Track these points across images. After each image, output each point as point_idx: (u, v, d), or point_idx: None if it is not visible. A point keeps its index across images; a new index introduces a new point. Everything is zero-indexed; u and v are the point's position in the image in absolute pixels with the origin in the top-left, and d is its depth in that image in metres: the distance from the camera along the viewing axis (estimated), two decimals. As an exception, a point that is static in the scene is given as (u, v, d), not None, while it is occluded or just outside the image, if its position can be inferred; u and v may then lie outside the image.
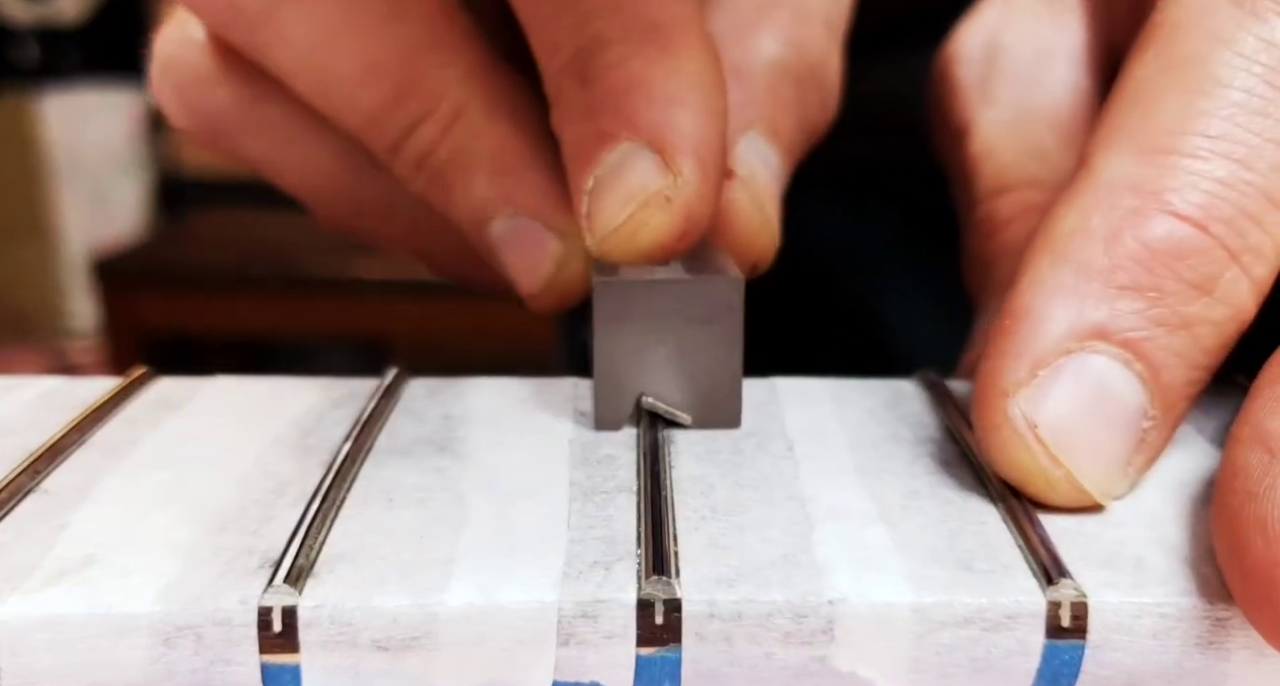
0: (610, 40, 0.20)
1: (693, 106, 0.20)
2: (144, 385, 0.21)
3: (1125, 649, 0.15)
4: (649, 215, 0.19)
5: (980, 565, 0.15)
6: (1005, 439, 0.16)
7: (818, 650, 0.14)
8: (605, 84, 0.20)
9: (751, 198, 0.22)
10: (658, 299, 0.19)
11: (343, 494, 0.17)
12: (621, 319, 0.19)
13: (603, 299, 0.19)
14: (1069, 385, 0.16)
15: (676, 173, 0.19)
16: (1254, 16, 0.17)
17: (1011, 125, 0.24)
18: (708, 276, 0.19)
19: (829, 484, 0.17)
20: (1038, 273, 0.17)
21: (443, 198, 0.22)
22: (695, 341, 0.19)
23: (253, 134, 0.25)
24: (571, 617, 0.14)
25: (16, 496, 0.17)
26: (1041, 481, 0.16)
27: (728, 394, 0.19)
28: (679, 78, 0.20)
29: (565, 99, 0.20)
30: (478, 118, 0.22)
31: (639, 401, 0.19)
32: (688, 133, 0.19)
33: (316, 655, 0.14)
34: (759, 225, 0.22)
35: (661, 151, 0.19)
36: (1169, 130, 0.17)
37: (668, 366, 0.19)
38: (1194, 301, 0.17)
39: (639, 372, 0.19)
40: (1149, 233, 0.17)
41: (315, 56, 0.22)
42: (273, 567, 0.15)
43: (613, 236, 0.20)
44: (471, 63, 0.22)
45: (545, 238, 0.22)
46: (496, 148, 0.22)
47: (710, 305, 0.19)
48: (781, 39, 0.23)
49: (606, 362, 0.19)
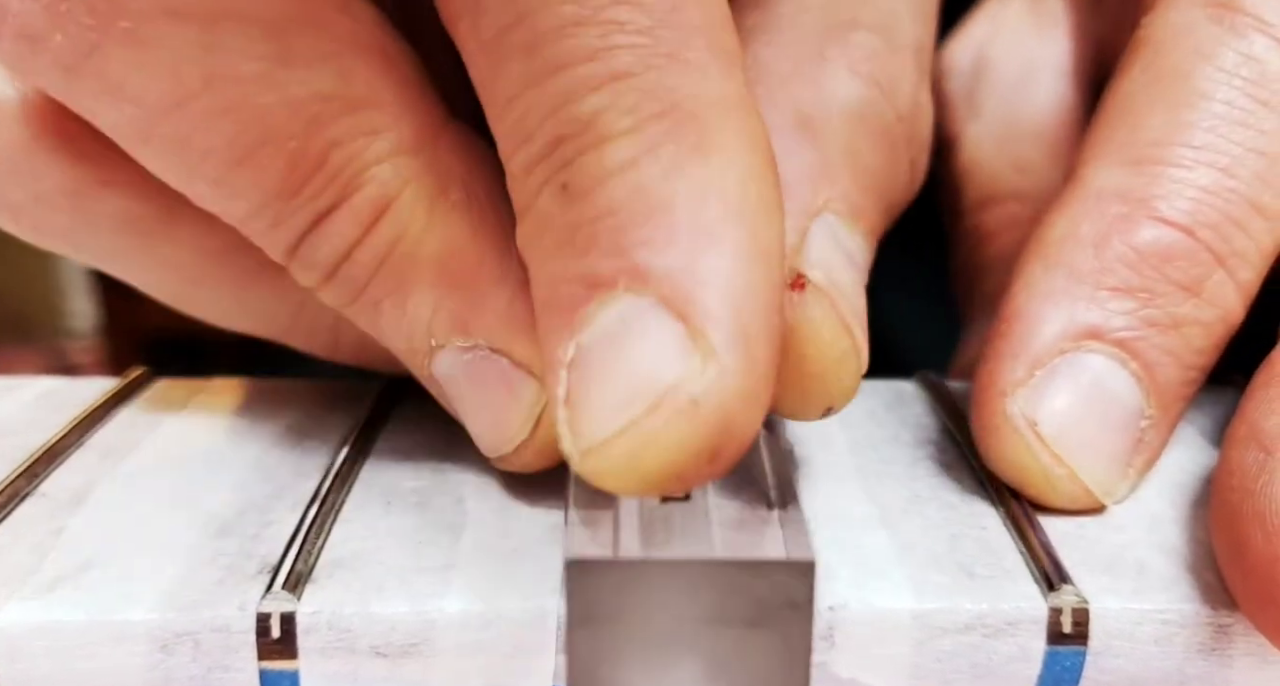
0: (609, 130, 0.13)
1: (734, 241, 0.13)
2: (142, 386, 0.21)
3: (1127, 655, 0.15)
4: (662, 425, 0.13)
5: (981, 570, 0.15)
6: (1005, 438, 0.16)
7: (818, 656, 0.14)
8: (599, 200, 0.13)
9: (831, 313, 0.16)
10: (673, 586, 0.12)
11: (342, 497, 0.17)
12: (613, 614, 0.12)
13: (582, 586, 0.12)
14: (1066, 384, 0.16)
15: (707, 354, 0.13)
16: (1234, 32, 0.18)
17: (997, 138, 0.25)
18: (765, 561, 0.13)
19: (829, 487, 0.17)
20: (1030, 277, 0.17)
21: (367, 318, 0.17)
22: (737, 651, 0.13)
23: (90, 231, 0.18)
24: None
25: (14, 500, 0.17)
26: (1042, 481, 0.16)
27: None
28: (715, 194, 0.13)
29: (537, 214, 0.14)
30: (416, 209, 0.16)
31: None
32: (725, 286, 0.13)
33: (315, 661, 0.14)
34: (842, 353, 0.16)
35: (684, 315, 0.13)
36: (1155, 142, 0.18)
37: (689, 683, 0.13)
38: (1183, 302, 0.17)
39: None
40: (1137, 237, 0.17)
41: (164, 119, 0.15)
42: (271, 573, 0.15)
43: (605, 451, 0.13)
44: (409, 126, 0.16)
45: (516, 380, 0.16)
46: (443, 250, 0.16)
47: (763, 600, 0.12)
48: (864, 74, 0.17)
49: (586, 676, 0.13)
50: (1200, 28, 0.18)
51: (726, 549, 0.13)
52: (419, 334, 0.16)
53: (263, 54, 0.15)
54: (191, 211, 0.17)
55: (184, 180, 0.16)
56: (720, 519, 0.13)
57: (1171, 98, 0.18)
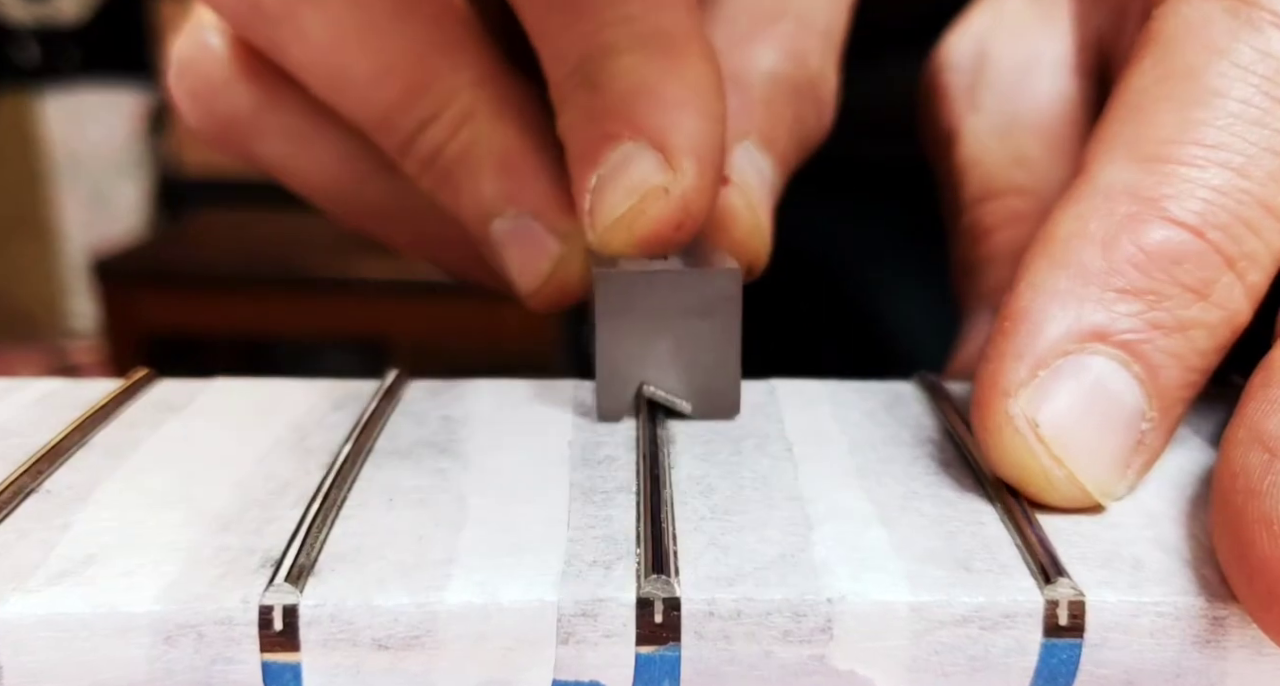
0: (621, 49, 0.20)
1: (695, 111, 0.20)
2: (145, 387, 0.21)
3: (1123, 648, 0.15)
4: (648, 205, 0.20)
5: (978, 564, 0.15)
6: (1006, 439, 0.17)
7: (816, 648, 0.15)
8: (613, 89, 0.20)
9: (746, 202, 0.22)
10: (657, 290, 0.19)
11: (343, 494, 0.17)
12: (622, 310, 0.19)
13: (604, 290, 0.19)
14: (1069, 385, 0.16)
15: (676, 168, 0.20)
16: (1250, 27, 0.18)
17: (998, 133, 0.25)
18: (706, 268, 0.19)
19: (828, 485, 0.17)
20: (1036, 276, 0.17)
21: (450, 196, 0.23)
22: (694, 332, 0.19)
23: (267, 137, 0.25)
24: (571, 616, 0.14)
25: (19, 497, 0.17)
26: (1042, 481, 0.16)
27: (727, 384, 0.20)
28: (683, 84, 0.20)
29: (572, 103, 0.21)
30: (486, 120, 0.22)
31: (640, 391, 0.19)
32: (689, 134, 0.20)
33: (317, 654, 0.14)
34: (752, 228, 0.22)
35: (663, 150, 0.20)
36: (1166, 139, 0.17)
37: (668, 357, 0.19)
38: (1190, 305, 0.17)
39: (640, 363, 0.19)
40: (1146, 238, 0.17)
41: (332, 55, 0.23)
42: (274, 567, 0.15)
43: (613, 226, 0.20)
44: (481, 66, 0.23)
45: (546, 238, 0.22)
46: (502, 150, 0.22)
47: (709, 297, 0.19)
48: (781, 50, 0.24)
49: (608, 354, 0.19)
50: (1215, 22, 0.18)
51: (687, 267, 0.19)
52: (484, 206, 0.23)
53: (391, 11, 0.22)
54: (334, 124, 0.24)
55: (336, 96, 0.23)
56: (683, 262, 0.20)
57: (1184, 94, 0.18)
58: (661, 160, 0.20)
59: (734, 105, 0.22)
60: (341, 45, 0.22)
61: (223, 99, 0.25)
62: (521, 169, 0.22)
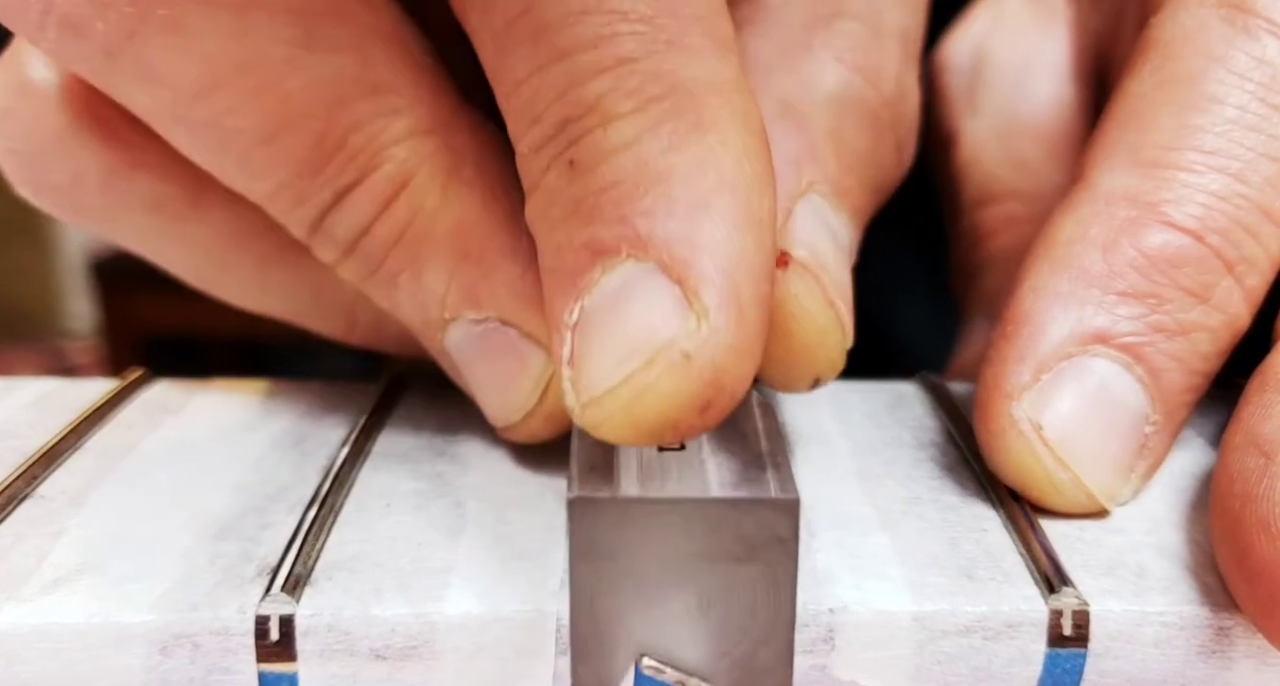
0: (612, 111, 0.14)
1: (728, 211, 0.14)
2: (140, 387, 0.21)
3: (1127, 657, 0.14)
4: (658, 377, 0.14)
5: (981, 572, 0.15)
6: (1010, 442, 0.16)
7: (819, 659, 0.14)
8: (603, 174, 0.14)
9: (815, 288, 0.17)
10: (668, 524, 0.13)
11: (341, 500, 0.17)
12: (614, 550, 0.13)
13: (583, 523, 0.13)
14: (1072, 388, 0.16)
15: (701, 314, 0.14)
16: (1246, 34, 0.18)
17: (996, 136, 0.25)
18: (753, 499, 0.13)
19: (830, 489, 0.17)
20: (1038, 280, 0.17)
21: (384, 293, 0.18)
22: (727, 585, 0.14)
23: (123, 212, 0.19)
24: (570, 626, 0.14)
25: (13, 502, 0.17)
26: (1046, 484, 0.16)
27: (773, 658, 0.14)
28: (711, 169, 0.14)
29: (545, 189, 0.15)
30: (431, 186, 0.17)
31: (639, 666, 0.14)
32: (720, 252, 0.14)
33: (314, 664, 0.14)
34: (826, 326, 0.17)
35: (680, 279, 0.14)
36: (1165, 145, 0.17)
37: (684, 618, 0.14)
38: (1191, 308, 0.17)
39: (638, 625, 0.14)
40: (1146, 242, 0.17)
41: (198, 101, 0.16)
42: (270, 575, 0.15)
43: (604, 401, 0.14)
44: (425, 109, 0.17)
45: (524, 350, 0.17)
46: (455, 227, 0.17)
47: (753, 536, 0.13)
48: (848, 62, 0.18)
49: (588, 613, 0.14)
50: (1211, 29, 0.18)
51: (718, 490, 0.14)
52: (433, 307, 0.17)
53: (290, 39, 0.16)
54: (219, 193, 0.18)
55: (213, 159, 0.17)
56: (713, 466, 0.14)
57: (1182, 101, 0.18)
58: (679, 297, 0.14)
59: (790, 144, 0.17)
60: (208, 86, 0.16)
61: (56, 161, 0.18)
62: (484, 254, 0.17)
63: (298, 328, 0.21)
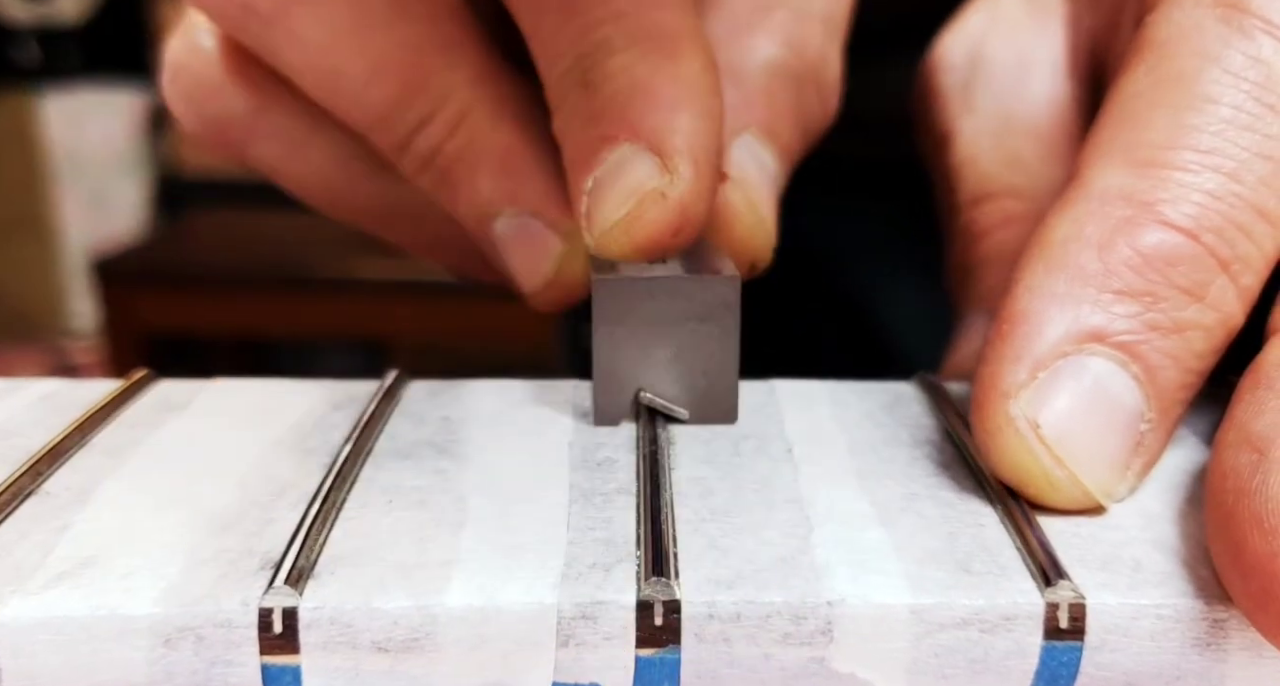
0: (615, 48, 0.20)
1: (691, 111, 0.20)
2: (144, 387, 0.21)
3: (1123, 650, 0.15)
4: (644, 210, 0.20)
5: (978, 566, 0.15)
6: (1007, 440, 0.17)
7: (816, 651, 0.15)
8: (609, 90, 0.20)
9: (746, 198, 0.22)
10: (656, 296, 0.19)
11: (343, 495, 0.17)
12: (620, 316, 0.19)
13: (601, 296, 0.19)
14: (1069, 386, 0.17)
15: (673, 171, 0.20)
16: (1241, 34, 0.18)
17: (992, 134, 0.25)
18: (705, 275, 0.19)
19: (828, 486, 0.17)
20: (1033, 278, 0.17)
21: (449, 195, 0.23)
22: (693, 339, 0.19)
23: (262, 139, 0.25)
24: (571, 619, 0.14)
25: (18, 498, 0.17)
26: (1043, 482, 0.16)
27: (725, 390, 0.19)
28: (680, 84, 0.20)
29: (568, 104, 0.21)
30: (483, 119, 0.22)
31: (638, 396, 0.19)
32: (685, 135, 0.20)
33: (317, 656, 0.14)
34: (754, 225, 0.22)
35: (660, 153, 0.20)
36: (1160, 144, 0.18)
37: (666, 363, 0.19)
38: (1186, 307, 0.17)
39: (638, 369, 0.19)
40: (1142, 240, 0.17)
41: (325, 55, 0.22)
42: (273, 569, 0.15)
43: (611, 231, 0.20)
44: (477, 65, 0.22)
45: (547, 237, 0.22)
46: (501, 148, 0.22)
47: (707, 303, 0.19)
48: (778, 39, 0.23)
49: (606, 359, 0.19)
50: (1207, 28, 0.18)
51: (686, 273, 0.19)
52: (484, 206, 0.22)
53: (385, 9, 0.22)
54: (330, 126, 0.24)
55: (330, 97, 0.23)
56: (682, 268, 0.20)
57: (1177, 100, 0.18)
58: (658, 163, 0.20)
59: (732, 97, 0.22)
60: (334, 46, 0.22)
61: (216, 102, 0.25)
62: (520, 167, 0.22)
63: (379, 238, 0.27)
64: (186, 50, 0.25)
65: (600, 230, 0.20)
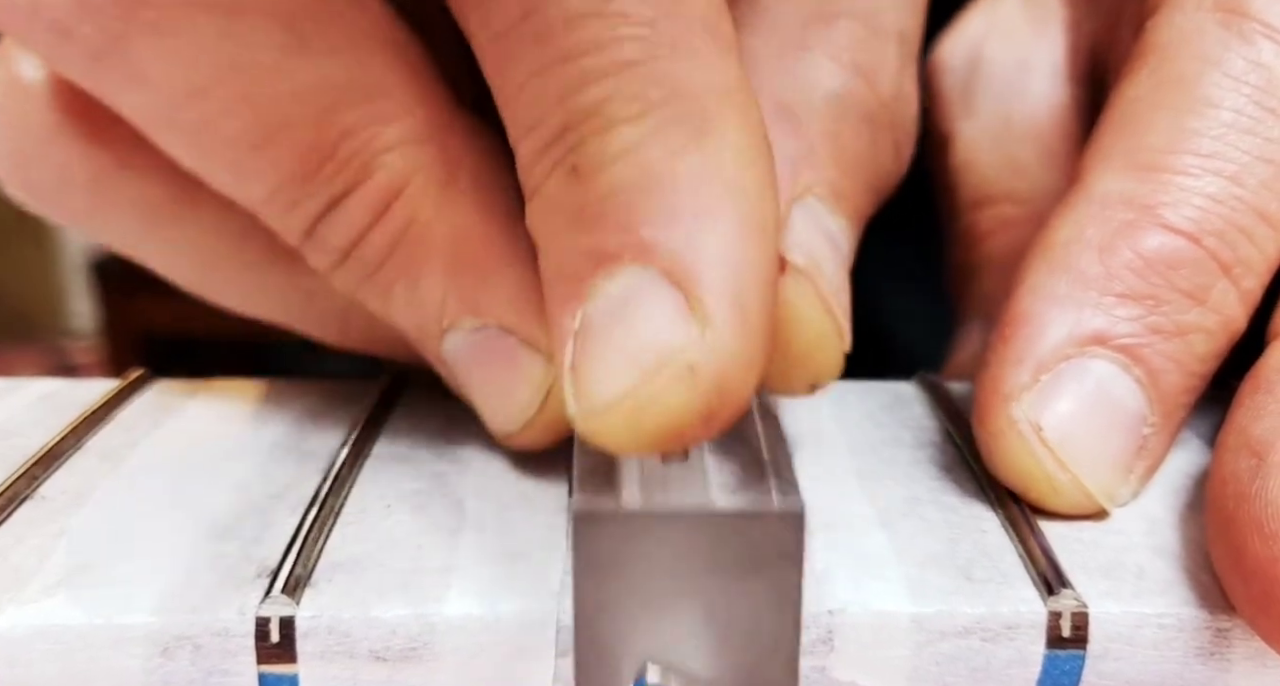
0: (615, 116, 0.14)
1: (732, 219, 0.14)
2: (141, 387, 0.21)
3: (1126, 659, 0.15)
4: (662, 389, 0.13)
5: (980, 573, 0.15)
6: (1010, 443, 0.16)
7: (817, 660, 0.14)
8: (606, 181, 0.14)
9: (813, 294, 0.16)
10: (673, 537, 0.13)
11: (341, 500, 0.17)
12: (616, 565, 0.13)
13: (586, 536, 0.13)
14: (1071, 389, 0.16)
15: (704, 322, 0.13)
16: (1241, 38, 0.18)
17: (992, 138, 0.25)
18: (753, 510, 0.13)
19: (829, 489, 0.17)
20: (1035, 281, 0.17)
21: (379, 301, 0.17)
22: (730, 596, 0.13)
23: (113, 214, 0.19)
24: (570, 627, 0.14)
25: (14, 503, 0.17)
26: (1046, 486, 0.16)
27: (779, 668, 0.13)
28: (715, 175, 0.14)
29: (546, 195, 0.15)
30: (426, 195, 0.16)
31: (643, 675, 0.13)
32: (724, 259, 0.14)
33: (314, 665, 0.14)
34: (823, 332, 0.17)
35: (684, 287, 0.14)
36: (1162, 148, 0.18)
37: (688, 628, 0.13)
38: (1188, 310, 0.17)
39: (642, 636, 0.13)
40: (1143, 244, 0.17)
41: (185, 105, 0.16)
42: (271, 576, 0.15)
43: (606, 413, 0.14)
44: (420, 115, 0.16)
45: (521, 358, 0.16)
46: (453, 234, 0.16)
47: (755, 549, 0.13)
48: (846, 62, 0.18)
49: (590, 623, 0.13)
50: (1207, 33, 0.18)
51: (722, 500, 0.14)
52: (430, 315, 0.17)
53: (279, 44, 0.16)
54: (209, 196, 0.17)
55: (202, 164, 0.17)
56: (717, 477, 0.14)
57: (1178, 104, 0.18)
58: (682, 304, 0.13)
59: (787, 146, 0.17)
60: (198, 90, 0.16)
61: (45, 161, 0.18)
62: (482, 261, 0.16)
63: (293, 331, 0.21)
64: (4, 87, 0.18)
65: (590, 407, 0.14)
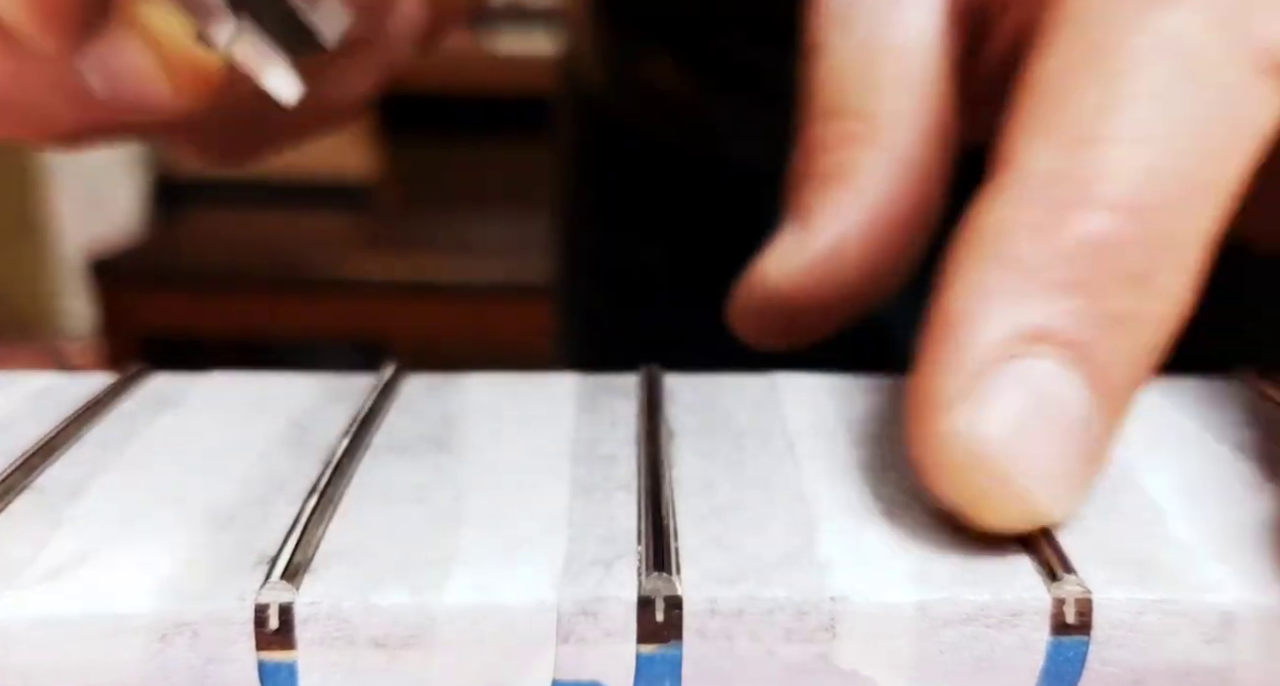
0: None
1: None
2: (139, 381, 0.21)
3: (1130, 646, 0.14)
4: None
5: (983, 561, 0.15)
6: (947, 457, 0.15)
7: (820, 647, 0.14)
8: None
9: None
10: None
11: (340, 491, 0.17)
12: None
13: None
14: (1013, 394, 0.15)
15: None
16: (1161, 6, 0.17)
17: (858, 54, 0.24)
18: None
19: (831, 481, 0.17)
20: (965, 273, 0.16)
21: None
22: None
23: None
24: (571, 615, 0.14)
25: (11, 493, 0.16)
26: (988, 500, 0.15)
27: None
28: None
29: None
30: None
31: None
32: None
33: (314, 652, 0.14)
34: None
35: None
36: (1088, 120, 0.17)
37: None
38: (1132, 296, 0.16)
39: None
40: (1080, 225, 0.16)
41: None
42: (269, 564, 0.15)
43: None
44: None
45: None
46: None
47: None
48: None
49: None
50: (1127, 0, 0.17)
51: None
52: None
53: None
54: None
55: None
56: None
57: (1102, 73, 0.17)
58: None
59: None
60: None
61: None
62: None
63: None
64: None
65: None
